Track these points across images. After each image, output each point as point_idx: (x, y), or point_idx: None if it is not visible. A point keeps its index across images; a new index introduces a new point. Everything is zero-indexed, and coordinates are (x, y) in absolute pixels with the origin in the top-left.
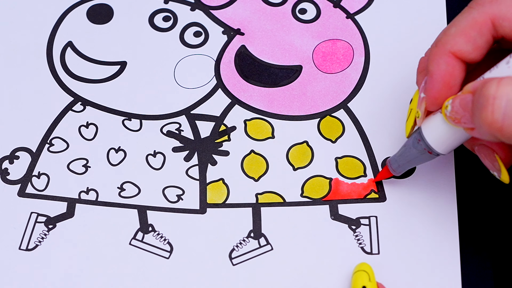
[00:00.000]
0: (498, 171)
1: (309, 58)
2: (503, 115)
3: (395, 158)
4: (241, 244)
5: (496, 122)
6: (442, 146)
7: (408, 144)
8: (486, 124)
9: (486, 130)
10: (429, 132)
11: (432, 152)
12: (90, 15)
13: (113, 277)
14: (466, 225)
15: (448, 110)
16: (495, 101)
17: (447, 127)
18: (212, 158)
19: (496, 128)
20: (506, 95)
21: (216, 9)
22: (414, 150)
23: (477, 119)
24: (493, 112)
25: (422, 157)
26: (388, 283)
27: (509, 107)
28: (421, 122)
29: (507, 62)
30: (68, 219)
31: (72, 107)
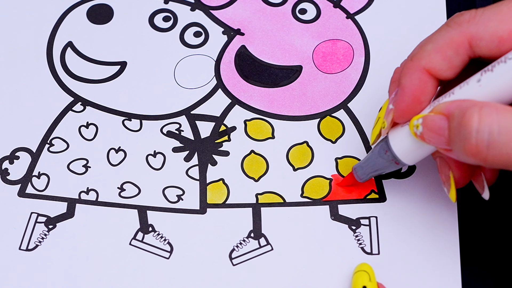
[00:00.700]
0: (448, 187)
1: (309, 58)
2: (487, 147)
3: (361, 165)
4: (241, 244)
5: (481, 153)
6: (409, 158)
7: (374, 153)
8: (470, 154)
9: (469, 158)
10: (397, 144)
11: (399, 163)
12: (90, 15)
13: (113, 277)
14: (466, 225)
15: (419, 130)
16: (478, 134)
17: (415, 140)
18: (212, 158)
19: (481, 159)
20: (488, 127)
21: (216, 9)
22: (381, 159)
23: (458, 147)
24: (477, 144)
25: (388, 167)
26: (388, 283)
27: (492, 139)
28: (386, 132)
29: (478, 80)
30: (68, 219)
31: (72, 107)
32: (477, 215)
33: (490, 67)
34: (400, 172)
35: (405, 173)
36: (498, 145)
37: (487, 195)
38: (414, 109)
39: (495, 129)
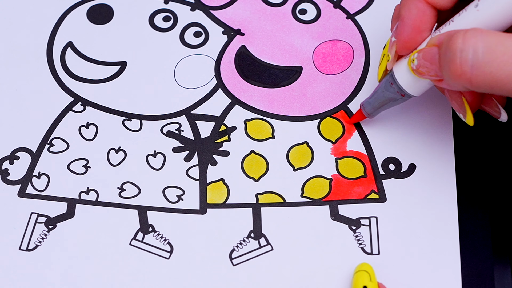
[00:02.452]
0: (464, 113)
1: (309, 59)
2: (471, 66)
3: (368, 101)
4: (241, 245)
5: (465, 73)
6: (414, 88)
7: (380, 87)
8: (456, 76)
9: (455, 82)
10: (401, 75)
11: (404, 95)
12: (90, 15)
13: (113, 278)
14: (467, 225)
15: (414, 64)
16: (462, 53)
17: None
18: (212, 158)
19: (466, 80)
20: (472, 46)
21: (216, 9)
22: (387, 93)
23: (445, 72)
24: (461, 64)
25: (395, 100)
26: (388, 283)
27: (476, 58)
28: (391, 65)
29: (476, 5)
30: (68, 220)
31: (72, 108)
32: (477, 215)
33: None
34: (400, 172)
35: (405, 173)
36: (481, 64)
37: (505, 117)
38: (415, 39)
39: (479, 49)
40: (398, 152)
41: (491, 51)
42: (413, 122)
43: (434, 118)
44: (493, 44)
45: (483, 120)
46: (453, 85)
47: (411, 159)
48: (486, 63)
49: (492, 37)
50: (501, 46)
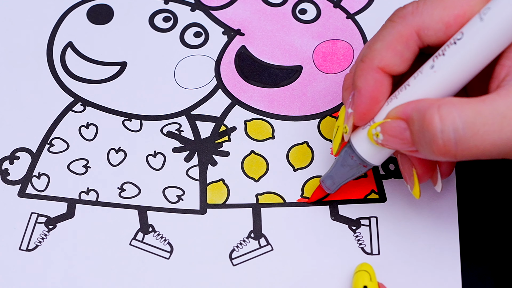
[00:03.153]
0: (412, 184)
1: (309, 58)
2: (455, 145)
3: (328, 176)
4: (241, 245)
5: (449, 151)
6: (376, 158)
7: (339, 161)
8: (440, 154)
9: (439, 157)
10: (361, 147)
11: (367, 166)
12: (90, 16)
13: (113, 278)
14: (467, 225)
15: (380, 139)
16: (443, 134)
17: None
18: (212, 159)
19: (451, 156)
20: (452, 125)
21: (216, 10)
22: (348, 166)
23: (425, 149)
24: (444, 144)
25: (357, 171)
26: (388, 283)
27: (458, 135)
28: (349, 136)
29: (432, 67)
30: (68, 220)
31: (72, 108)
32: (477, 215)
33: (441, 52)
34: None
35: None
36: (465, 140)
37: (439, 188)
38: (373, 109)
39: (459, 125)
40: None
41: (472, 126)
42: None
43: None
44: (471, 118)
45: None
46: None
47: None
48: (469, 138)
49: (468, 109)
50: (480, 117)
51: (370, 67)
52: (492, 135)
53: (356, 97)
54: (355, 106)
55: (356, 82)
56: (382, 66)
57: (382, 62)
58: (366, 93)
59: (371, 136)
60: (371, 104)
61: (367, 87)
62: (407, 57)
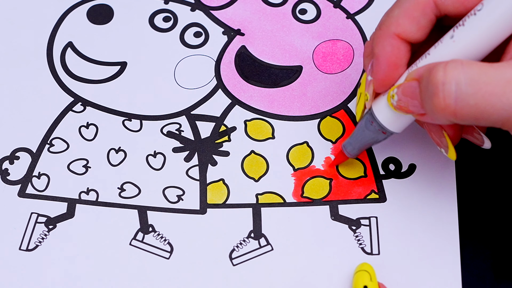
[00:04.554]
0: (445, 147)
1: (309, 58)
2: (455, 99)
3: (349, 141)
4: (241, 245)
5: (449, 107)
6: (395, 125)
7: (361, 126)
8: (439, 110)
9: (439, 115)
10: (381, 113)
11: (386, 132)
12: (90, 16)
13: (113, 278)
14: (467, 225)
15: (395, 100)
16: (444, 86)
17: None
18: (212, 159)
19: (450, 113)
20: (455, 79)
21: (216, 10)
22: (368, 131)
23: (428, 106)
24: (444, 98)
25: (376, 138)
26: (388, 283)
27: (459, 90)
28: (370, 104)
29: (451, 37)
30: (68, 220)
31: (72, 108)
32: (477, 215)
33: (461, 22)
34: (400, 172)
35: (405, 173)
36: (465, 97)
37: (488, 144)
38: (392, 76)
39: (462, 80)
40: (398, 152)
41: (474, 83)
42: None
43: None
44: (475, 75)
45: None
46: (436, 119)
47: (411, 159)
48: (470, 95)
49: (474, 68)
50: (484, 76)
51: (387, 33)
52: (494, 97)
53: (374, 64)
54: (374, 73)
55: (374, 49)
56: (398, 32)
57: (398, 28)
58: (384, 60)
59: (389, 99)
60: (390, 70)
61: (384, 53)
62: (424, 24)
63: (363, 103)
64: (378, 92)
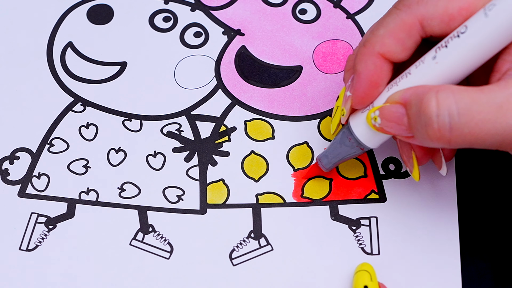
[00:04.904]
0: (411, 167)
1: (309, 58)
2: (449, 130)
3: (325, 155)
4: (241, 245)
5: (444, 137)
6: (373, 142)
7: (336, 141)
8: (434, 139)
9: (433, 143)
10: (359, 129)
11: (363, 148)
12: (90, 16)
13: (113, 278)
14: (467, 225)
15: (377, 123)
16: (439, 118)
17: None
18: (212, 159)
19: (445, 141)
20: (447, 110)
21: (216, 10)
22: (345, 147)
23: (420, 134)
24: (439, 129)
25: (353, 153)
26: (389, 283)
27: (453, 121)
28: (346, 119)
29: (434, 57)
30: (68, 220)
31: (72, 108)
32: (477, 215)
33: (444, 43)
34: (400, 172)
35: (405, 173)
36: (459, 126)
37: (444, 171)
38: (371, 94)
39: (454, 111)
40: (398, 152)
41: (467, 112)
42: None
43: None
44: (467, 105)
45: None
46: (426, 144)
47: None
48: (464, 124)
49: (465, 97)
50: (476, 105)
51: (371, 52)
52: (487, 124)
53: (355, 80)
54: (354, 90)
55: (356, 66)
56: (383, 52)
57: (383, 48)
58: (365, 78)
59: (370, 120)
60: (370, 88)
61: (366, 72)
62: (409, 45)
63: (339, 117)
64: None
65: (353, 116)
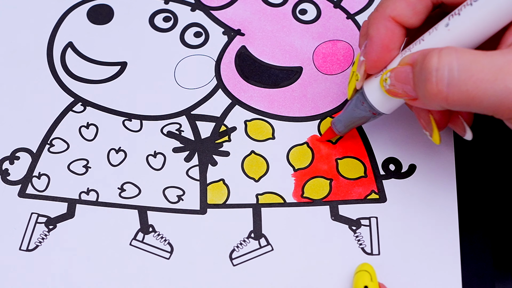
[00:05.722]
0: (431, 131)
1: (310, 59)
2: (447, 85)
3: (339, 119)
4: (242, 245)
5: (441, 92)
6: (385, 107)
7: (351, 105)
8: (432, 95)
9: (431, 101)
10: (372, 94)
11: (376, 113)
12: (90, 16)
13: (113, 278)
14: (467, 225)
15: (387, 84)
16: (438, 72)
17: None
18: (212, 159)
19: (442, 98)
20: (448, 65)
21: (216, 10)
22: (358, 111)
23: (421, 91)
24: (437, 83)
25: (366, 118)
26: (389, 284)
27: (452, 76)
28: (360, 84)
29: (446, 25)
30: (69, 220)
31: (72, 108)
32: (478, 215)
33: (457, 11)
34: (401, 173)
35: (405, 173)
36: (457, 83)
37: (470, 136)
38: (384, 58)
39: (454, 67)
40: (398, 152)
41: (467, 69)
42: (413, 123)
43: None
44: (468, 62)
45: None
46: (428, 104)
47: (411, 160)
48: (462, 81)
49: (467, 55)
50: (476, 64)
51: (383, 15)
52: (485, 83)
53: (368, 45)
54: (367, 54)
55: (369, 30)
56: (394, 15)
57: (394, 11)
58: (377, 41)
59: (382, 82)
60: (382, 52)
61: (379, 36)
62: (420, 10)
63: (355, 82)
64: (370, 74)
65: (367, 81)
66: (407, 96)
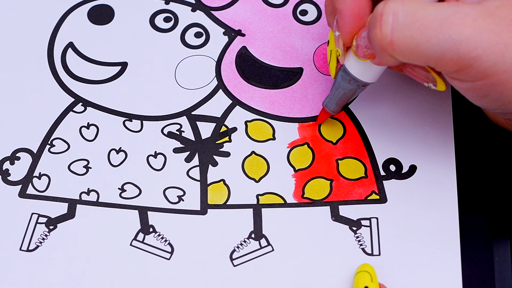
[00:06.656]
0: (433, 81)
1: (310, 60)
2: (391, 29)
3: (329, 99)
4: (242, 245)
5: (385, 37)
6: (368, 75)
7: (337, 82)
8: (377, 41)
9: (379, 49)
10: (351, 66)
11: (363, 84)
12: (91, 16)
13: (113, 278)
14: (467, 226)
15: (354, 46)
16: (382, 17)
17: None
18: (213, 159)
19: (387, 44)
20: (392, 10)
21: (217, 10)
22: (346, 86)
23: (371, 41)
24: (381, 27)
25: (354, 91)
26: (389, 284)
27: (396, 21)
28: (344, 58)
29: None
30: (69, 220)
31: (73, 108)
32: (478, 216)
33: None
34: (401, 173)
35: (406, 174)
36: (401, 27)
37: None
38: (358, 27)
39: (399, 12)
40: (398, 153)
41: (411, 14)
42: (414, 123)
43: (434, 119)
44: (413, 8)
45: (483, 120)
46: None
47: (411, 160)
48: (406, 26)
49: (414, 2)
50: (422, 10)
51: None
52: (430, 30)
53: (339, 18)
54: (341, 27)
55: (336, 5)
56: None
57: None
58: (347, 13)
59: (353, 49)
60: (355, 22)
61: (347, 7)
62: None
63: (335, 60)
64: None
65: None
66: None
